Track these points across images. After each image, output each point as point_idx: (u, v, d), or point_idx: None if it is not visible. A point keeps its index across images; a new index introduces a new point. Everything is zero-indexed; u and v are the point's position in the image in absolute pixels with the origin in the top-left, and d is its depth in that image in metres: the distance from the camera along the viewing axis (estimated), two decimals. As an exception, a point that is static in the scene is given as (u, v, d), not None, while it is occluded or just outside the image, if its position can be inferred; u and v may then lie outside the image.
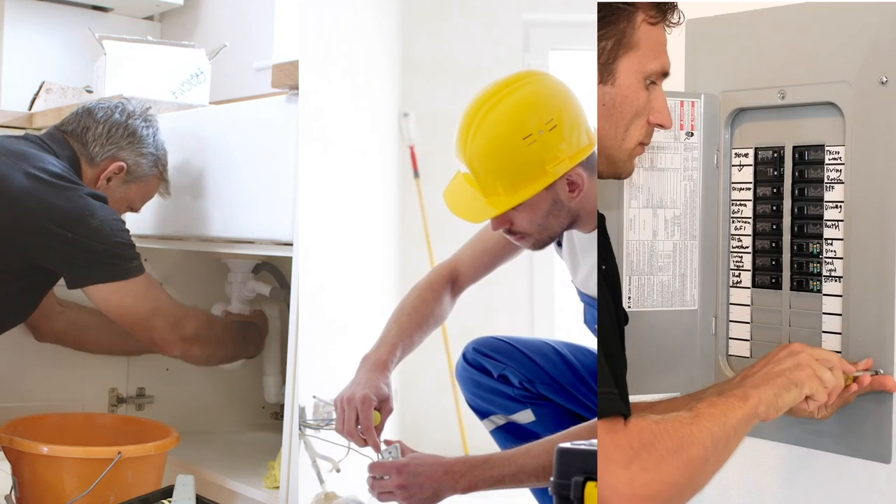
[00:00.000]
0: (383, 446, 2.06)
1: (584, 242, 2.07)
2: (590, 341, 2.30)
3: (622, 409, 1.54)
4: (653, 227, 2.05)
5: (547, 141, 1.88)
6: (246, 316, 3.14)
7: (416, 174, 3.81)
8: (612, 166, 1.79)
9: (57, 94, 3.97)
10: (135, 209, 2.84)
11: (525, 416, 2.33)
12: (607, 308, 1.70)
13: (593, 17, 1.70)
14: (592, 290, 2.07)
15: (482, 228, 2.29)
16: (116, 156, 2.72)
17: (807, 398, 1.75)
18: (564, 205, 1.94)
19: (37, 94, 4.00)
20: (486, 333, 2.40)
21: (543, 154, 1.88)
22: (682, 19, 1.79)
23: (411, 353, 2.26)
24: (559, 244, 2.16)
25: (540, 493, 2.28)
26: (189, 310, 2.84)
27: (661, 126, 1.78)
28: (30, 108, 3.98)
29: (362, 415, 2.04)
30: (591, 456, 1.61)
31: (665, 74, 1.77)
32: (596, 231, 1.87)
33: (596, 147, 1.84)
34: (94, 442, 2.73)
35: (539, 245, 2.02)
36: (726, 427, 1.60)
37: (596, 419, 1.95)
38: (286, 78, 2.41)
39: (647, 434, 1.52)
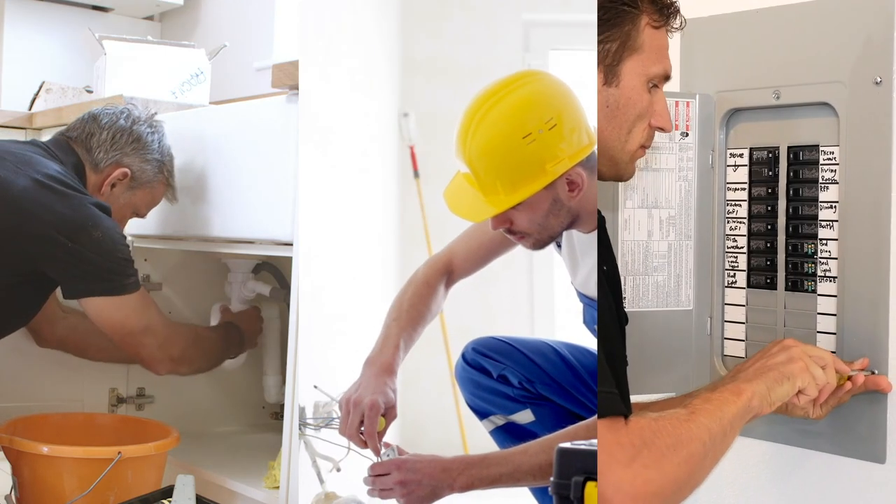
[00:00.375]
0: (382, 449, 2.07)
1: (583, 243, 2.07)
2: (589, 342, 2.30)
3: (623, 409, 1.54)
4: (648, 228, 2.05)
5: (547, 140, 1.87)
6: (231, 315, 3.14)
7: (416, 174, 3.79)
8: (614, 168, 1.80)
9: (57, 94, 3.98)
10: (140, 215, 2.85)
11: (525, 417, 2.33)
12: (609, 308, 1.70)
13: (593, 17, 1.71)
14: (592, 291, 2.07)
15: (478, 226, 2.29)
16: (120, 162, 2.72)
17: (798, 393, 1.75)
18: (564, 204, 1.93)
19: (37, 94, 4.01)
20: (486, 333, 2.39)
21: (543, 153, 1.87)
22: (683, 24, 1.80)
23: (410, 350, 2.27)
24: (558, 245, 2.16)
25: (540, 493, 2.27)
26: (178, 328, 2.85)
27: (662, 129, 1.79)
28: (30, 108, 3.99)
29: (368, 421, 2.04)
30: (591, 456, 1.61)
31: (667, 78, 1.79)
32: (595, 231, 1.88)
33: (596, 147, 1.85)
34: (94, 442, 2.74)
35: (539, 245, 2.01)
36: (722, 422, 1.61)
37: (593, 418, 1.96)
38: (286, 78, 2.42)
39: (647, 432, 1.53)
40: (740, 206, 2.06)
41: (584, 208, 1.94)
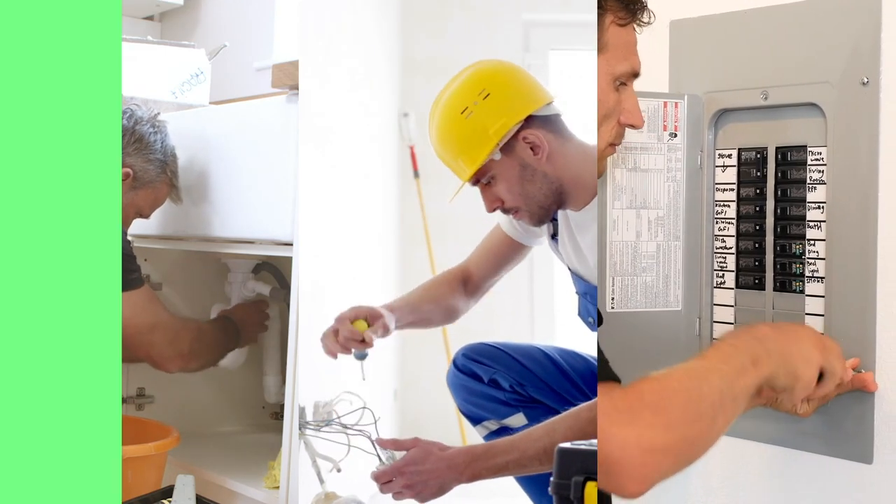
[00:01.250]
0: (382, 452, 2.09)
1: (578, 224, 2.07)
2: (586, 339, 2.30)
3: (610, 374, 1.51)
4: (636, 228, 2.06)
5: (483, 109, 1.98)
6: (227, 310, 3.14)
7: (416, 174, 3.80)
8: None
9: (57, 94, 3.98)
10: (144, 215, 2.85)
11: (517, 420, 2.33)
12: None
13: (593, 17, 1.71)
14: (594, 273, 2.09)
15: (488, 235, 2.34)
16: (123, 161, 2.73)
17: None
18: (536, 169, 1.99)
19: (38, 94, 4.01)
20: (487, 336, 2.41)
21: (484, 120, 1.98)
22: (652, 19, 1.79)
23: (416, 326, 2.37)
24: (554, 238, 2.16)
25: (538, 494, 2.28)
26: (185, 323, 2.86)
27: (633, 126, 1.79)
28: (32, 109, 4.00)
29: (343, 326, 2.14)
30: (591, 456, 1.60)
31: (635, 75, 1.78)
32: (589, 207, 1.91)
33: (559, 114, 1.99)
34: (94, 442, 2.75)
35: (535, 219, 2.06)
36: (734, 389, 1.55)
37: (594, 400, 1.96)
38: (286, 78, 2.43)
39: (650, 394, 1.48)
40: (729, 206, 2.06)
41: (565, 177, 2.00)
